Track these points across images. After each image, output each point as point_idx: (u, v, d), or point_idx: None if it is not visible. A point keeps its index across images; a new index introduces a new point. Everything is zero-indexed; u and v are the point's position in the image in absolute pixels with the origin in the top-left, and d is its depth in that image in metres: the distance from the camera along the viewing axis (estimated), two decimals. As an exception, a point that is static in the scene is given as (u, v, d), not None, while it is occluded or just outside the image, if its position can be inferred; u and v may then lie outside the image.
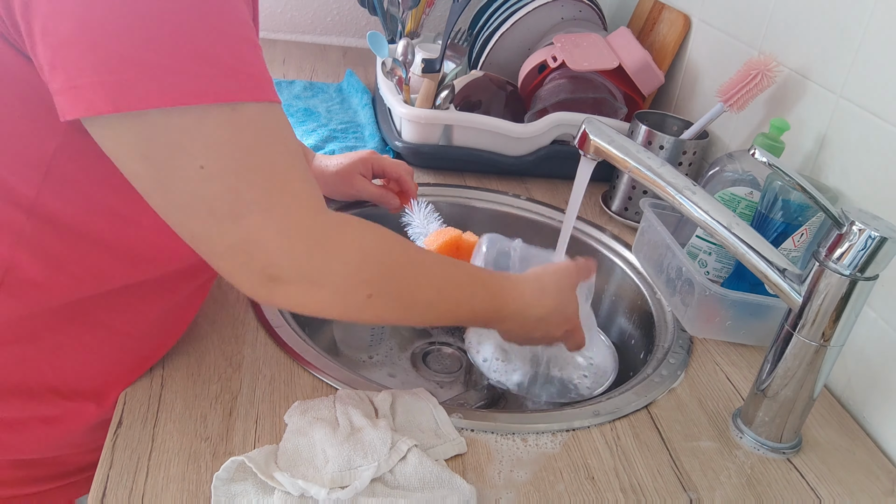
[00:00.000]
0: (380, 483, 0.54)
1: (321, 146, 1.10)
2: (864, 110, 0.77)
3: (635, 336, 0.91)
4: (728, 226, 0.62)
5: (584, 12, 1.25)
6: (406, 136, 1.08)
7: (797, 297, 0.61)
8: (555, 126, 1.08)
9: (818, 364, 0.62)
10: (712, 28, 1.09)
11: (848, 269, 0.58)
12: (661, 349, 0.79)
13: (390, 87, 1.12)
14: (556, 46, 1.13)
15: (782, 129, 0.82)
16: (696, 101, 1.12)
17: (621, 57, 1.13)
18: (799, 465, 0.65)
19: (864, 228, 0.56)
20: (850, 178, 0.78)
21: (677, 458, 0.64)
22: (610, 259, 0.97)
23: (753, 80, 0.87)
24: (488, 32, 1.25)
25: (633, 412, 0.68)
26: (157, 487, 0.53)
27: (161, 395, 0.62)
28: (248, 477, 0.53)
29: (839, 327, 0.60)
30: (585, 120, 0.71)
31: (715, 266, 0.88)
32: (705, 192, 0.64)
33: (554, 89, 1.12)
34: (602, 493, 0.59)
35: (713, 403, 0.71)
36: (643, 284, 0.90)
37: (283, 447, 0.56)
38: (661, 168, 0.65)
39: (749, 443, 0.66)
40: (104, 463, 0.55)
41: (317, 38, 1.68)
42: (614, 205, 1.04)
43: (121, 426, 0.58)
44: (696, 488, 0.61)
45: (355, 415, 0.59)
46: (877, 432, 0.71)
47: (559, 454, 0.62)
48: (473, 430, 0.63)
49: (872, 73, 0.76)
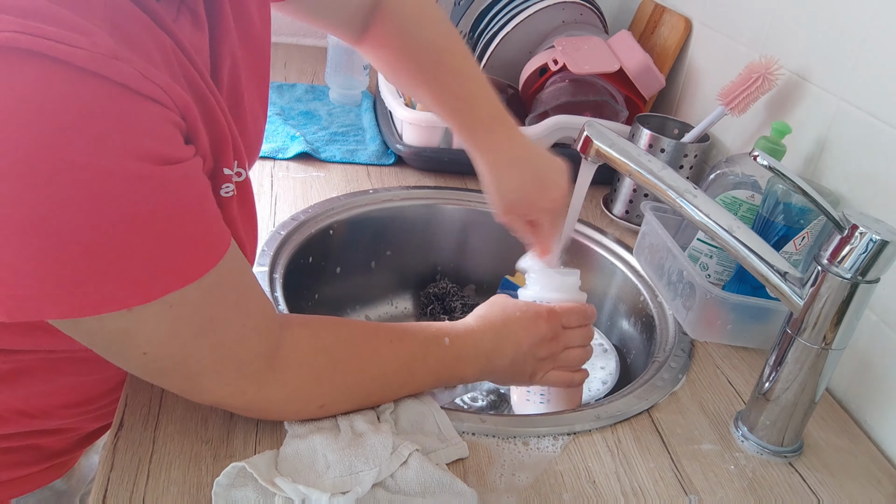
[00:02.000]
0: (381, 488, 0.54)
1: (322, 149, 1.10)
2: (865, 113, 0.77)
3: (636, 339, 0.91)
4: (729, 229, 0.62)
5: (584, 15, 1.25)
6: (407, 139, 1.08)
7: (799, 300, 0.61)
8: (556, 129, 1.08)
9: (819, 367, 0.62)
10: (713, 31, 1.09)
11: (849, 273, 0.58)
12: (662, 352, 0.79)
13: (391, 90, 1.12)
14: (557, 49, 1.13)
15: (783, 133, 0.82)
16: (697, 104, 1.12)
17: (622, 60, 1.13)
18: (800, 468, 0.65)
19: (866, 232, 0.56)
20: (851, 181, 0.78)
21: (678, 461, 0.63)
22: (611, 262, 0.97)
23: (755, 84, 0.87)
24: (489, 35, 1.25)
25: (635, 415, 0.68)
26: (158, 490, 0.53)
27: (162, 397, 0.62)
28: (249, 482, 0.53)
29: (840, 331, 0.60)
30: (586, 123, 0.71)
31: (716, 269, 0.88)
32: (706, 196, 0.64)
33: (555, 92, 1.12)
34: (603, 496, 0.59)
35: (714, 407, 0.71)
36: (644, 287, 0.90)
37: (283, 452, 0.56)
38: (662, 171, 0.65)
39: (750, 446, 0.66)
40: (105, 465, 0.55)
41: (318, 41, 1.68)
42: (615, 208, 1.04)
43: (122, 428, 0.58)
44: (698, 491, 0.61)
45: (357, 420, 0.59)
46: (878, 435, 0.71)
47: (560, 458, 0.62)
48: (475, 433, 0.63)
49: (873, 75, 0.76)
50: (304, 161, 1.08)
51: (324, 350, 0.58)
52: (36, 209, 0.41)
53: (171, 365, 0.51)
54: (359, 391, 0.60)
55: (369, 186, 1.02)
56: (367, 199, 0.99)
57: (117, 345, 0.49)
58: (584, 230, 1.00)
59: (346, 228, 0.96)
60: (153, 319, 0.47)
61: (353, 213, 0.97)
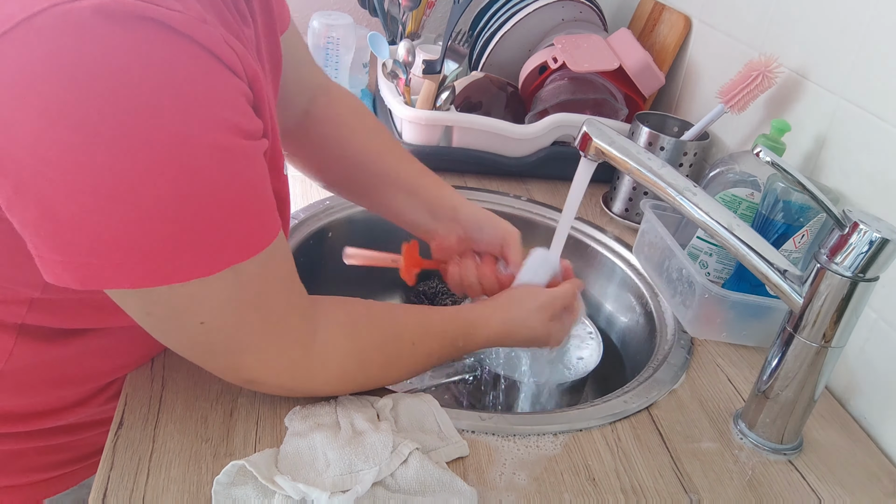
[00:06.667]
0: (381, 487, 0.54)
1: (322, 147, 1.10)
2: (864, 111, 0.77)
3: (636, 337, 0.91)
4: (729, 227, 0.62)
5: (584, 13, 1.25)
6: (407, 138, 1.08)
7: (798, 298, 0.61)
8: (555, 127, 1.08)
9: (819, 365, 0.62)
10: (713, 29, 1.09)
11: (849, 271, 0.58)
12: (661, 350, 0.79)
13: (391, 89, 1.12)
14: (557, 47, 1.13)
15: (783, 130, 0.82)
16: (697, 102, 1.12)
17: (622, 58, 1.13)
18: (800, 466, 0.65)
19: (867, 230, 0.56)
20: (850, 179, 0.78)
21: (678, 459, 0.64)
22: (611, 260, 0.97)
23: (754, 81, 0.87)
24: (489, 33, 1.25)
25: (634, 413, 0.68)
26: (158, 488, 0.53)
27: (162, 395, 0.62)
28: (249, 481, 0.53)
29: (840, 329, 0.60)
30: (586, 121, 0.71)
31: (716, 267, 0.88)
32: (706, 194, 0.64)
33: (554, 90, 1.12)
34: (603, 494, 0.59)
35: (714, 405, 0.71)
36: (644, 285, 0.90)
37: (283, 451, 0.56)
38: (661, 169, 0.65)
39: (750, 444, 0.66)
40: (105, 464, 0.55)
41: (317, 39, 1.67)
42: (615, 206, 1.04)
43: (122, 427, 0.58)
44: (697, 489, 0.61)
45: (357, 418, 0.59)
46: (878, 433, 0.71)
47: (560, 455, 0.62)
48: (475, 431, 0.63)
49: (873, 73, 0.76)
50: (304, 159, 1.07)
51: (356, 353, 0.60)
52: (123, 177, 0.41)
53: (221, 338, 0.52)
54: (374, 386, 0.63)
55: (369, 185, 1.02)
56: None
57: (178, 313, 0.49)
58: (583, 228, 1.00)
59: (344, 227, 0.96)
60: (219, 287, 0.48)
61: (352, 212, 0.97)
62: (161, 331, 0.52)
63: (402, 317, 0.65)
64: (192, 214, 0.44)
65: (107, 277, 0.44)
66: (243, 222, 0.47)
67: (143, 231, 0.43)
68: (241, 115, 0.46)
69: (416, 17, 1.28)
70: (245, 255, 0.48)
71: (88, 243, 0.43)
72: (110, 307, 0.51)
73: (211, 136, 0.43)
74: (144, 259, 0.44)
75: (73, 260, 0.43)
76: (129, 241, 0.43)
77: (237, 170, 0.46)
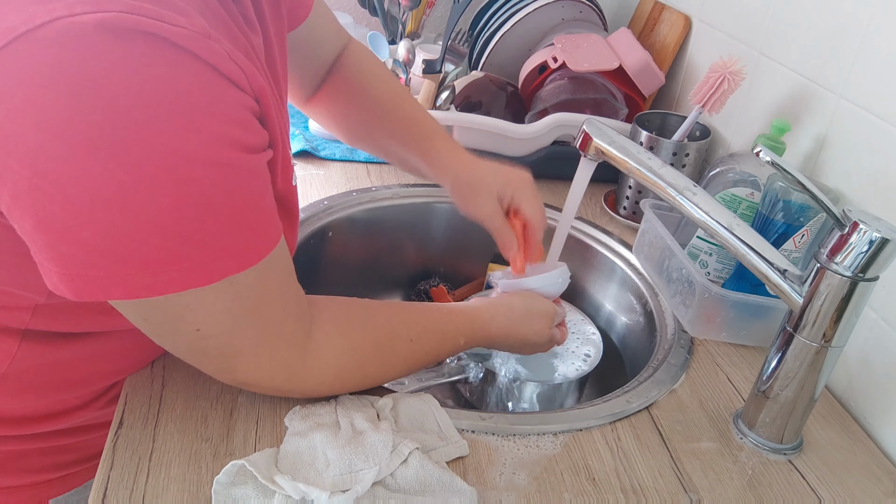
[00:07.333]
0: (381, 486, 0.54)
1: (322, 147, 1.10)
2: (864, 111, 0.77)
3: (636, 337, 0.91)
4: (729, 227, 0.62)
5: (584, 13, 1.25)
6: (406, 137, 1.08)
7: (798, 298, 0.61)
8: (555, 127, 1.08)
9: (819, 365, 0.62)
10: (713, 28, 1.09)
11: (849, 271, 0.58)
12: (661, 350, 0.79)
13: (391, 88, 1.12)
14: (557, 47, 1.13)
15: (783, 130, 0.82)
16: (697, 101, 1.12)
17: (622, 58, 1.13)
18: (800, 466, 0.65)
19: (867, 230, 0.56)
20: (850, 179, 0.78)
21: (678, 459, 0.64)
22: (611, 260, 0.97)
23: (721, 83, 0.87)
24: (489, 33, 1.25)
25: (634, 413, 0.68)
26: (158, 488, 0.53)
27: (162, 395, 0.62)
28: (249, 480, 0.53)
29: (840, 328, 0.60)
30: (586, 121, 0.71)
31: (716, 267, 0.88)
32: (706, 193, 0.64)
33: (554, 90, 1.12)
34: (603, 494, 0.59)
35: (714, 404, 0.71)
36: (644, 285, 0.90)
37: (283, 450, 0.56)
38: (661, 169, 0.65)
39: (750, 444, 0.66)
40: (105, 463, 0.55)
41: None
42: (616, 205, 1.04)
43: (121, 426, 0.58)
44: (697, 489, 0.61)
45: (357, 418, 0.59)
46: (878, 433, 0.71)
47: (560, 455, 0.62)
48: (475, 431, 0.63)
49: (873, 73, 0.76)
50: (304, 159, 1.08)
51: (351, 351, 0.60)
52: (122, 189, 0.41)
53: (216, 343, 0.52)
54: (372, 384, 0.63)
55: (369, 184, 1.02)
56: (367, 196, 0.99)
57: (175, 320, 0.50)
58: (584, 228, 1.00)
59: (344, 227, 0.96)
60: (214, 297, 0.49)
61: (352, 212, 0.97)
62: (158, 335, 0.53)
63: (401, 314, 0.65)
64: (188, 227, 0.44)
65: (102, 288, 0.44)
66: (240, 234, 0.48)
67: (138, 243, 0.43)
68: (242, 129, 0.46)
69: (415, 17, 1.28)
70: (241, 266, 0.48)
71: (83, 255, 0.43)
72: (113, 311, 0.51)
73: (209, 151, 0.44)
74: (139, 270, 0.44)
75: (68, 271, 0.44)
76: (124, 252, 0.43)
77: (235, 184, 0.46)
